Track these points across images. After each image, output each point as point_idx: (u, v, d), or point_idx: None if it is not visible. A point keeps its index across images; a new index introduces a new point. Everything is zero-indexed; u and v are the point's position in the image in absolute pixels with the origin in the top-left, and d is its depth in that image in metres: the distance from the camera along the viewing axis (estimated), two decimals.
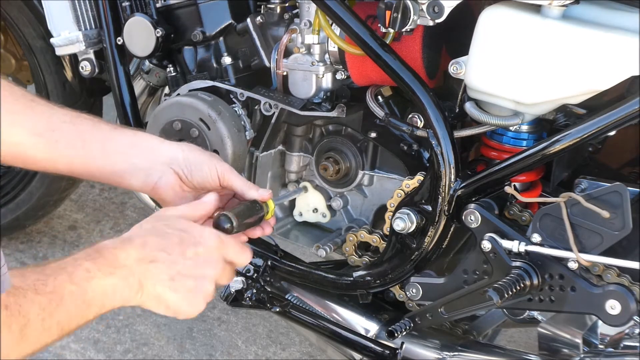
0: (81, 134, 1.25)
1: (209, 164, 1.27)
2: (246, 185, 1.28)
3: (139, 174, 1.26)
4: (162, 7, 1.66)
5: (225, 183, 1.27)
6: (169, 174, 1.26)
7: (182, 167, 1.26)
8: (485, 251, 1.31)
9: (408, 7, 1.29)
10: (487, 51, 1.28)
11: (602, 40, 1.18)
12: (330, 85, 1.55)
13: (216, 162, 1.28)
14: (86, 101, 2.16)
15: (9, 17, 2.05)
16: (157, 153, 1.27)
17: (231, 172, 1.28)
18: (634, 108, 1.17)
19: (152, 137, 1.31)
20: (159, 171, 1.26)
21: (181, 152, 1.27)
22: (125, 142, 1.27)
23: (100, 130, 1.27)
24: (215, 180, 1.27)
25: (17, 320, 0.88)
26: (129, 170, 1.26)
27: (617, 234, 1.19)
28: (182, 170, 1.26)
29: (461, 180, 1.35)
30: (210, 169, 1.26)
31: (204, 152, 1.29)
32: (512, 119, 1.32)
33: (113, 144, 1.26)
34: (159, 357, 2.12)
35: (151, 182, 1.26)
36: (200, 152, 1.29)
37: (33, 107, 1.23)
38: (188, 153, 1.27)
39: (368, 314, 1.58)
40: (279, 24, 1.61)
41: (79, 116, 1.27)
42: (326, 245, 1.61)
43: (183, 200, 1.26)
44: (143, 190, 1.28)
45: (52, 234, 2.59)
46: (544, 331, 1.40)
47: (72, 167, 1.25)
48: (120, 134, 1.28)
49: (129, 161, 1.26)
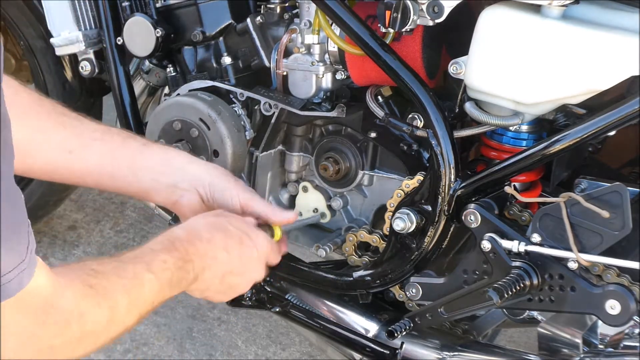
0: (111, 151, 1.28)
1: (232, 191, 1.30)
2: (270, 209, 1.32)
3: (164, 191, 1.29)
4: (162, 7, 1.66)
5: (248, 211, 1.30)
6: (193, 194, 1.29)
7: (207, 190, 1.30)
8: (485, 251, 1.31)
9: (408, 7, 1.29)
10: (487, 51, 1.28)
11: (602, 40, 1.18)
12: (330, 85, 1.55)
13: (240, 190, 1.31)
14: (86, 101, 2.16)
15: (9, 17, 2.05)
16: (184, 172, 1.30)
17: (253, 200, 1.31)
18: (634, 108, 1.17)
19: (181, 156, 1.34)
20: (182, 189, 1.29)
21: (208, 175, 1.31)
22: (155, 160, 1.30)
23: (130, 147, 1.30)
24: (236, 207, 1.30)
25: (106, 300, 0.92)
26: (155, 186, 1.29)
27: (617, 234, 1.19)
28: (206, 193, 1.30)
29: (461, 180, 1.35)
30: (233, 197, 1.30)
31: (229, 179, 1.32)
32: (512, 119, 1.31)
33: (141, 160, 1.29)
34: (159, 357, 2.12)
35: (174, 198, 1.29)
36: (225, 177, 1.32)
37: (64, 122, 1.25)
38: (214, 178, 1.30)
39: (368, 314, 1.58)
40: (278, 24, 1.61)
41: (109, 131, 1.30)
42: (326, 245, 1.61)
43: None
44: (165, 204, 1.32)
45: (52, 234, 2.59)
46: (543, 331, 1.40)
47: (100, 182, 1.29)
48: (149, 151, 1.31)
49: (157, 179, 1.29)
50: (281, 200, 1.74)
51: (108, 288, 0.93)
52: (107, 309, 0.92)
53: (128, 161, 1.28)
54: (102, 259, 1.00)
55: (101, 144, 1.27)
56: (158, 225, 2.64)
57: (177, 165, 1.30)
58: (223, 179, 1.31)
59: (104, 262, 0.98)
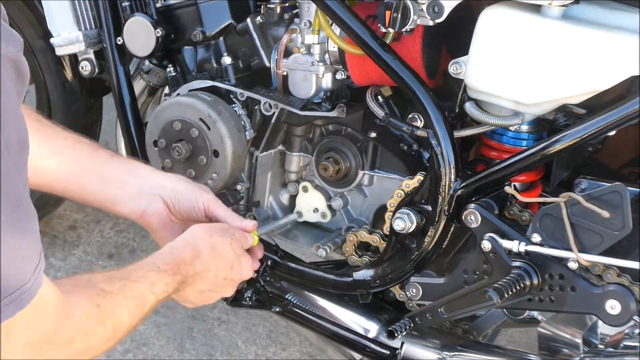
0: (80, 160, 1.31)
1: (196, 194, 1.33)
2: (230, 216, 1.35)
3: (129, 202, 1.32)
4: (162, 7, 1.66)
5: (210, 214, 1.33)
6: (158, 202, 1.31)
7: (170, 196, 1.32)
8: (485, 251, 1.31)
9: (408, 7, 1.29)
10: (487, 51, 1.28)
11: (602, 40, 1.18)
12: (330, 85, 1.55)
13: (202, 193, 1.34)
14: (86, 101, 2.16)
15: (9, 17, 2.05)
16: (147, 180, 1.33)
17: (216, 203, 1.34)
18: (634, 108, 1.17)
19: (145, 166, 1.38)
20: (147, 199, 1.31)
21: (170, 181, 1.34)
22: (121, 170, 1.33)
23: (99, 157, 1.33)
24: (200, 210, 1.33)
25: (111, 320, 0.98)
26: (121, 196, 1.32)
27: (617, 234, 1.19)
28: (170, 199, 1.32)
29: (461, 180, 1.35)
30: (197, 199, 1.33)
31: (191, 183, 1.36)
32: (512, 119, 1.32)
33: (109, 171, 1.32)
34: (159, 357, 2.12)
35: (139, 209, 1.31)
36: (187, 183, 1.35)
37: (39, 128, 1.28)
38: (176, 183, 1.33)
39: (368, 314, 1.58)
40: (279, 24, 1.61)
41: (80, 141, 1.33)
42: (326, 245, 1.61)
43: (170, 230, 1.31)
44: (131, 216, 1.34)
45: (52, 234, 2.59)
46: (544, 331, 1.40)
47: (67, 190, 1.32)
48: (116, 161, 1.34)
49: (122, 189, 1.32)
50: (281, 200, 1.74)
51: (115, 309, 1.00)
52: (110, 328, 0.98)
53: (96, 170, 1.31)
54: (112, 275, 1.05)
55: (72, 152, 1.30)
56: None
57: (141, 175, 1.34)
58: (185, 183, 1.35)
59: (113, 279, 1.03)
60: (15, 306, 0.79)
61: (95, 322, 0.95)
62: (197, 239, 1.23)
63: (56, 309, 0.88)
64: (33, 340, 0.86)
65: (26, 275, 0.80)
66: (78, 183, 1.30)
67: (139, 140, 1.72)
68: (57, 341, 0.89)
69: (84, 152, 1.32)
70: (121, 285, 1.03)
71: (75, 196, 1.33)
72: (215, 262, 1.22)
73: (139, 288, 1.05)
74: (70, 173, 1.30)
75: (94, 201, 1.33)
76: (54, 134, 1.30)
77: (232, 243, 1.26)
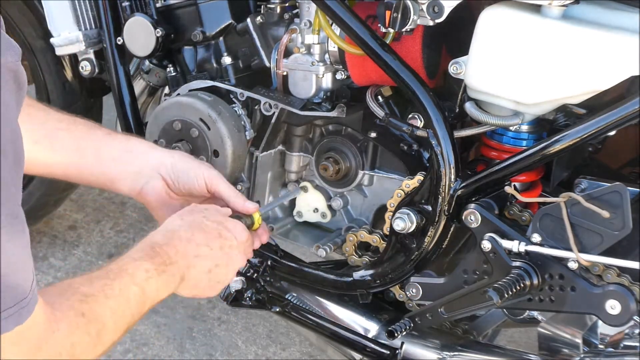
0: (76, 140, 1.28)
1: (197, 170, 1.30)
2: (234, 193, 1.31)
3: (128, 179, 1.29)
4: (162, 7, 1.66)
5: (213, 189, 1.30)
6: (156, 179, 1.29)
7: (170, 172, 1.29)
8: (485, 251, 1.31)
9: (408, 7, 1.29)
10: (487, 51, 1.28)
11: (602, 40, 1.18)
12: (330, 85, 1.55)
13: (204, 168, 1.31)
14: (86, 101, 2.16)
15: (9, 17, 2.05)
16: (146, 158, 1.30)
17: (219, 178, 1.31)
18: (634, 108, 1.17)
19: (144, 143, 1.35)
20: (146, 176, 1.29)
21: (170, 158, 1.31)
22: (118, 148, 1.30)
23: (95, 136, 1.30)
24: (202, 186, 1.30)
25: (95, 326, 0.95)
26: (120, 175, 1.29)
27: (617, 234, 1.19)
28: (170, 176, 1.29)
29: (461, 180, 1.35)
30: (197, 175, 1.29)
31: (193, 159, 1.33)
32: (512, 119, 1.32)
33: (106, 149, 1.29)
34: (159, 357, 2.12)
35: (138, 187, 1.29)
36: (189, 159, 1.32)
37: (31, 113, 1.24)
38: (177, 159, 1.30)
39: (368, 314, 1.58)
40: (279, 24, 1.61)
41: (74, 121, 1.30)
42: (326, 245, 1.61)
43: (169, 207, 1.29)
44: (130, 194, 1.31)
45: (52, 234, 2.59)
46: (544, 331, 1.40)
47: (67, 173, 1.29)
48: (113, 140, 1.31)
49: (120, 167, 1.29)
50: None
51: (98, 312, 0.96)
52: (95, 334, 0.95)
53: (93, 150, 1.28)
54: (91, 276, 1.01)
55: (66, 134, 1.27)
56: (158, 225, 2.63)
57: (139, 151, 1.31)
58: (186, 159, 1.32)
59: (92, 280, 1.00)
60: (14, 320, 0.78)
61: (80, 332, 0.93)
62: (168, 223, 1.19)
63: (43, 324, 0.86)
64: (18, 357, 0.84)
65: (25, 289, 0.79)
66: (76, 164, 1.28)
67: None
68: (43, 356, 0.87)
69: (79, 132, 1.29)
70: (101, 285, 0.99)
71: (74, 178, 1.30)
72: (198, 235, 1.17)
73: (119, 284, 1.01)
74: (67, 155, 1.27)
75: (94, 181, 1.31)
76: (46, 117, 1.28)
77: (205, 215, 1.21)
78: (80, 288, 0.97)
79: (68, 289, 0.96)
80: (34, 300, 0.81)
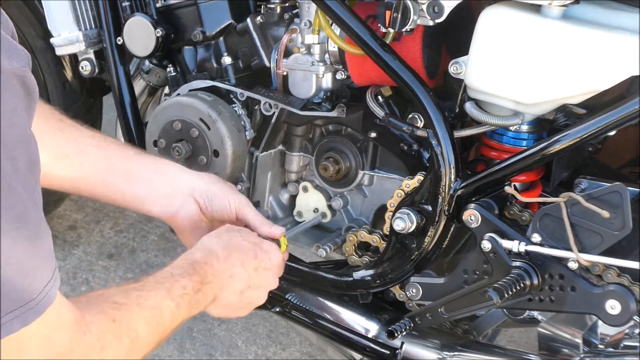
0: (106, 158, 1.28)
1: (227, 195, 1.30)
2: (260, 220, 1.31)
3: (160, 201, 1.28)
4: (162, 7, 1.66)
5: (240, 216, 1.30)
6: (190, 203, 1.28)
7: (204, 196, 1.29)
8: (485, 251, 1.31)
9: (408, 7, 1.29)
10: (487, 51, 1.28)
11: (602, 40, 1.18)
12: (330, 85, 1.55)
13: (234, 194, 1.31)
14: (86, 101, 2.16)
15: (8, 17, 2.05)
16: (178, 181, 1.30)
17: (247, 205, 1.31)
18: (634, 108, 1.17)
19: (174, 165, 1.34)
20: (180, 199, 1.28)
21: (203, 182, 1.30)
22: (149, 169, 1.30)
23: (125, 155, 1.30)
24: (232, 212, 1.30)
25: (127, 333, 0.95)
26: (150, 196, 1.28)
27: (617, 234, 1.19)
28: (203, 200, 1.29)
29: (461, 180, 1.35)
30: (230, 202, 1.30)
31: (225, 184, 1.33)
32: (512, 119, 1.31)
33: (136, 169, 1.29)
34: (159, 357, 2.12)
35: (172, 210, 1.28)
36: (221, 183, 1.32)
37: (62, 127, 1.25)
38: (209, 184, 1.30)
39: (368, 314, 1.58)
40: (279, 24, 1.61)
41: (105, 139, 1.30)
42: (326, 245, 1.61)
43: (198, 229, 1.28)
44: (161, 216, 1.30)
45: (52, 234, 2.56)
46: (544, 331, 1.40)
47: (95, 190, 1.28)
48: (143, 160, 1.31)
49: (151, 187, 1.28)
50: (281, 200, 1.74)
51: (130, 320, 0.97)
52: (128, 341, 0.96)
53: (122, 169, 1.28)
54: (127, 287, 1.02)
55: (97, 150, 1.27)
56: (158, 225, 2.64)
57: (170, 173, 1.30)
58: (218, 184, 1.31)
59: (128, 291, 1.01)
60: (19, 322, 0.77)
61: (111, 336, 0.93)
62: (206, 242, 1.19)
63: (72, 326, 0.87)
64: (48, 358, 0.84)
65: (32, 292, 0.78)
66: (105, 182, 1.27)
67: (139, 140, 1.72)
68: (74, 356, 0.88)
69: (110, 150, 1.28)
70: (136, 296, 1.00)
71: (102, 196, 1.29)
72: (234, 255, 1.18)
73: (154, 296, 1.02)
74: (96, 172, 1.26)
75: (122, 201, 1.29)
76: (78, 133, 1.27)
77: (241, 235, 1.22)
78: (113, 297, 0.98)
79: (99, 297, 0.97)
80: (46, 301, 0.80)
